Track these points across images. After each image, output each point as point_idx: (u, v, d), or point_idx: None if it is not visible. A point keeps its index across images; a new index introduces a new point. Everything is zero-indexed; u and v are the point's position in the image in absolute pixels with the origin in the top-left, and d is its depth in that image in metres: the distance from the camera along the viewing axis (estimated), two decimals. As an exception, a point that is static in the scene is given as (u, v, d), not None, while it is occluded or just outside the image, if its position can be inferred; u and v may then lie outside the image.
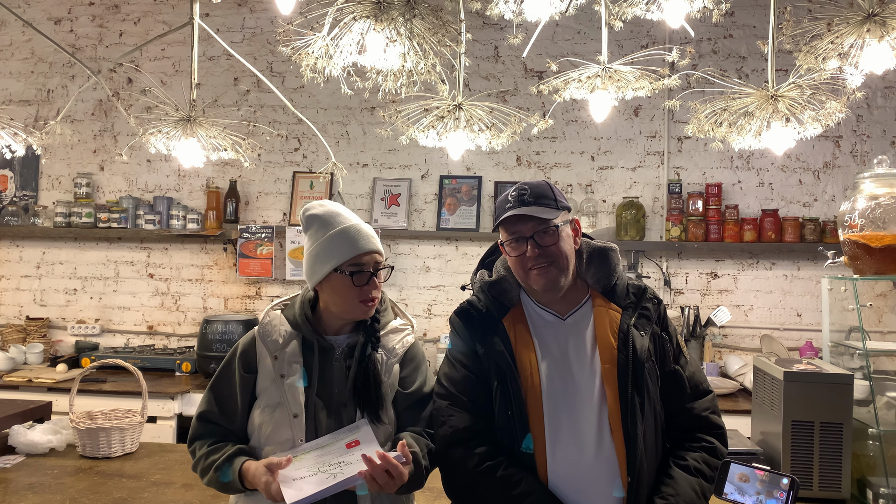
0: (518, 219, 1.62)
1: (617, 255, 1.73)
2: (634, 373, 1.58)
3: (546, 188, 1.66)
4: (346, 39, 1.86)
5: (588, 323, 1.65)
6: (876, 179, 2.46)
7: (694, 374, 1.70)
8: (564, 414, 1.57)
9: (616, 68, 1.90)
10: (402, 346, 1.77)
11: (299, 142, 4.31)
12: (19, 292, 4.44)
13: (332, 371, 1.70)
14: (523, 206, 1.62)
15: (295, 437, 1.62)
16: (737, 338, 4.00)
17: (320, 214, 1.72)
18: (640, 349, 1.60)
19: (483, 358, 1.64)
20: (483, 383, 1.64)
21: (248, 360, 1.71)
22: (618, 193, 4.11)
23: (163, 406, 3.43)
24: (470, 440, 1.60)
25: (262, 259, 4.08)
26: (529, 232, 1.61)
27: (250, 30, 4.33)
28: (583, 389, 1.58)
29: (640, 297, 1.69)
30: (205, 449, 1.67)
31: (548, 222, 1.61)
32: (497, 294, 1.70)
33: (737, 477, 1.50)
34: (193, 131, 2.37)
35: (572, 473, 1.54)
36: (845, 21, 1.73)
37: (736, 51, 4.04)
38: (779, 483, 1.46)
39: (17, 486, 2.17)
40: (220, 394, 1.73)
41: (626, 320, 1.64)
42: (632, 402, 1.55)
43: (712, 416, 1.68)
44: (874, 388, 2.34)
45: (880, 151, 3.74)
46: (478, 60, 4.15)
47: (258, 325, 1.75)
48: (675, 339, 1.71)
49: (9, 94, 4.44)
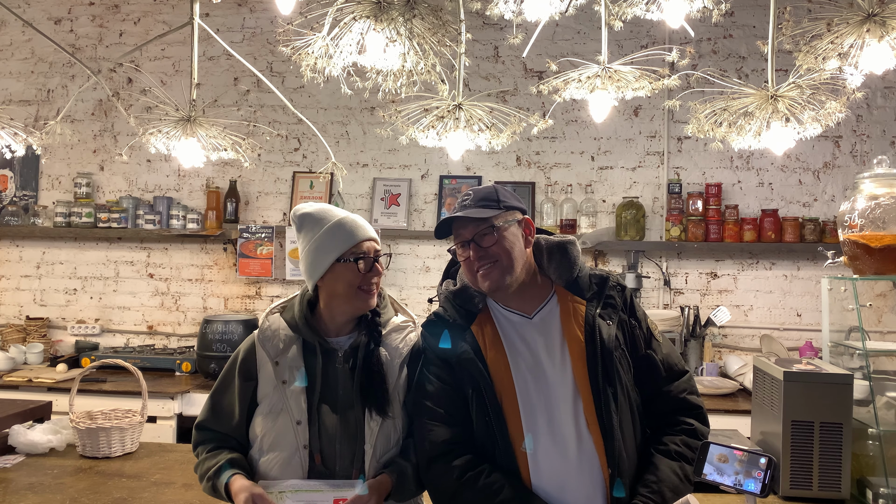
0: (460, 223, 1.64)
1: (576, 247, 1.73)
2: (604, 363, 1.57)
3: (491, 191, 1.67)
4: (346, 39, 1.86)
5: (555, 319, 1.65)
6: (876, 179, 2.46)
7: (668, 356, 1.69)
8: (541, 413, 1.57)
9: (616, 68, 1.90)
10: (406, 344, 1.76)
11: (299, 142, 4.31)
12: (19, 292, 4.44)
13: (335, 374, 1.68)
14: (464, 210, 1.63)
15: (299, 444, 1.61)
16: (736, 338, 4.00)
17: (311, 212, 1.73)
18: (607, 339, 1.60)
19: (455, 367, 1.63)
20: (458, 392, 1.63)
21: (249, 368, 1.70)
22: (618, 193, 4.11)
23: (163, 406, 3.44)
24: (449, 453, 1.60)
25: (262, 259, 4.08)
26: (470, 235, 1.62)
27: (250, 30, 4.33)
28: (556, 386, 1.58)
29: (602, 286, 1.68)
30: (204, 455, 1.68)
31: (485, 222, 1.62)
32: (463, 302, 1.70)
33: (716, 458, 1.51)
34: (193, 131, 2.37)
35: (555, 472, 1.54)
36: (845, 21, 1.73)
37: (736, 51, 4.04)
38: (757, 463, 1.47)
39: (17, 485, 2.17)
40: (220, 403, 1.73)
41: (591, 311, 1.64)
42: (604, 393, 1.55)
43: (690, 397, 1.67)
44: (874, 388, 2.33)
45: (880, 151, 3.74)
46: (478, 60, 4.15)
47: (258, 331, 1.73)
48: (643, 323, 1.70)
49: (9, 94, 4.44)
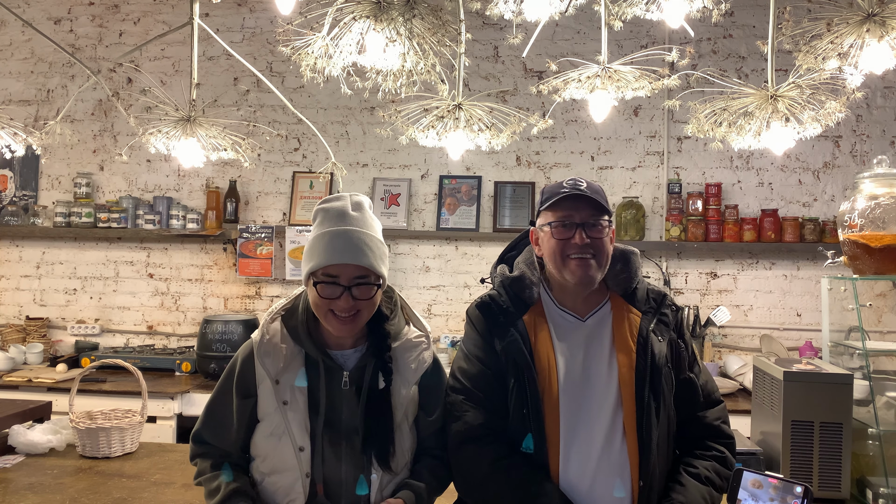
0: (575, 202, 1.59)
1: (638, 258, 1.72)
2: (652, 378, 1.57)
3: (601, 189, 1.65)
4: (346, 39, 1.86)
5: (607, 325, 1.64)
6: (875, 179, 2.46)
7: (707, 383, 1.70)
8: (579, 416, 1.56)
9: (616, 68, 1.90)
10: (419, 365, 1.66)
11: (299, 142, 4.31)
12: (19, 292, 4.44)
13: (340, 397, 1.60)
14: (582, 192, 1.59)
15: (301, 472, 1.56)
16: (736, 338, 4.00)
17: (327, 209, 1.59)
18: (658, 354, 1.59)
19: (500, 354, 1.61)
20: (499, 380, 1.61)
21: (247, 385, 1.61)
22: (617, 193, 4.11)
23: (163, 406, 3.43)
24: (484, 437, 1.59)
25: (262, 259, 4.08)
26: (581, 219, 1.58)
27: (250, 30, 4.33)
28: (600, 392, 1.57)
29: (659, 303, 1.67)
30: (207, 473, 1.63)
31: (603, 213, 1.60)
32: (518, 290, 1.67)
33: (750, 483, 1.49)
34: (193, 131, 2.37)
35: (584, 474, 1.53)
36: (845, 21, 1.73)
37: (736, 51, 4.04)
38: (792, 490, 1.45)
39: (16, 486, 2.17)
40: (218, 416, 1.66)
41: (646, 325, 1.63)
42: (648, 406, 1.55)
43: (723, 426, 1.67)
44: (874, 387, 2.33)
45: (880, 151, 3.74)
46: (478, 60, 4.15)
47: (257, 343, 1.61)
48: (689, 346, 1.69)
49: (9, 94, 4.44)
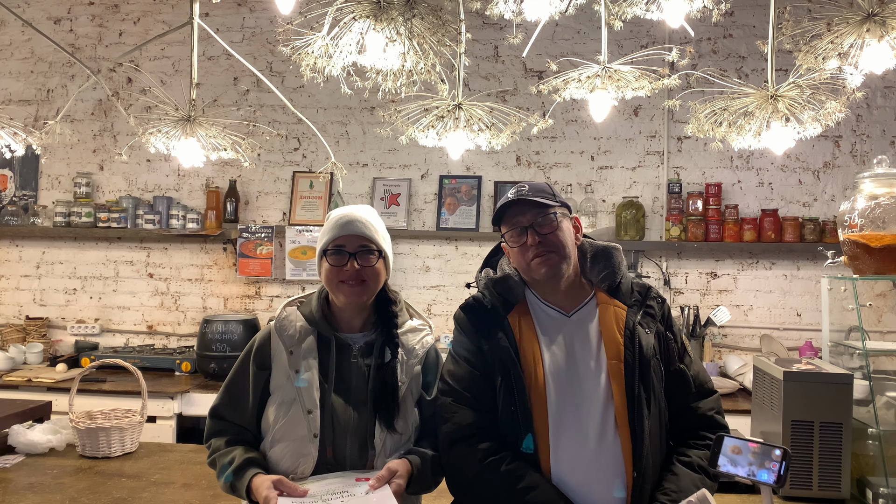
0: (518, 209, 1.65)
1: (620, 254, 1.75)
2: (641, 369, 1.58)
3: (545, 185, 1.70)
4: (346, 39, 1.86)
5: (593, 320, 1.66)
6: (875, 179, 2.46)
7: (698, 374, 1.71)
8: (569, 410, 1.57)
9: (616, 68, 1.90)
10: (423, 346, 1.78)
11: (299, 141, 4.30)
12: (19, 292, 4.43)
13: (349, 368, 1.70)
14: (522, 195, 1.65)
15: (310, 433, 1.62)
16: (736, 337, 4.00)
17: (333, 214, 1.76)
18: (645, 346, 1.61)
19: (487, 354, 1.64)
20: (487, 380, 1.64)
21: (263, 356, 1.72)
22: (617, 193, 4.11)
23: (162, 406, 3.43)
24: (473, 436, 1.60)
25: (262, 259, 4.08)
26: (528, 221, 1.63)
27: (250, 29, 4.33)
28: (587, 385, 1.59)
29: (644, 296, 1.70)
30: (222, 449, 1.68)
31: (546, 209, 1.64)
32: (502, 291, 1.71)
33: (729, 449, 1.52)
34: (193, 131, 2.37)
35: (576, 468, 1.54)
36: (845, 21, 1.73)
37: (736, 51, 4.04)
38: (770, 454, 1.47)
39: (16, 485, 2.17)
40: (235, 391, 1.74)
41: (632, 317, 1.65)
42: (638, 398, 1.56)
43: (717, 416, 1.69)
44: (874, 387, 2.33)
45: (880, 151, 3.74)
46: (478, 60, 4.15)
47: (275, 320, 1.75)
48: (679, 337, 1.71)
49: (8, 94, 4.44)
